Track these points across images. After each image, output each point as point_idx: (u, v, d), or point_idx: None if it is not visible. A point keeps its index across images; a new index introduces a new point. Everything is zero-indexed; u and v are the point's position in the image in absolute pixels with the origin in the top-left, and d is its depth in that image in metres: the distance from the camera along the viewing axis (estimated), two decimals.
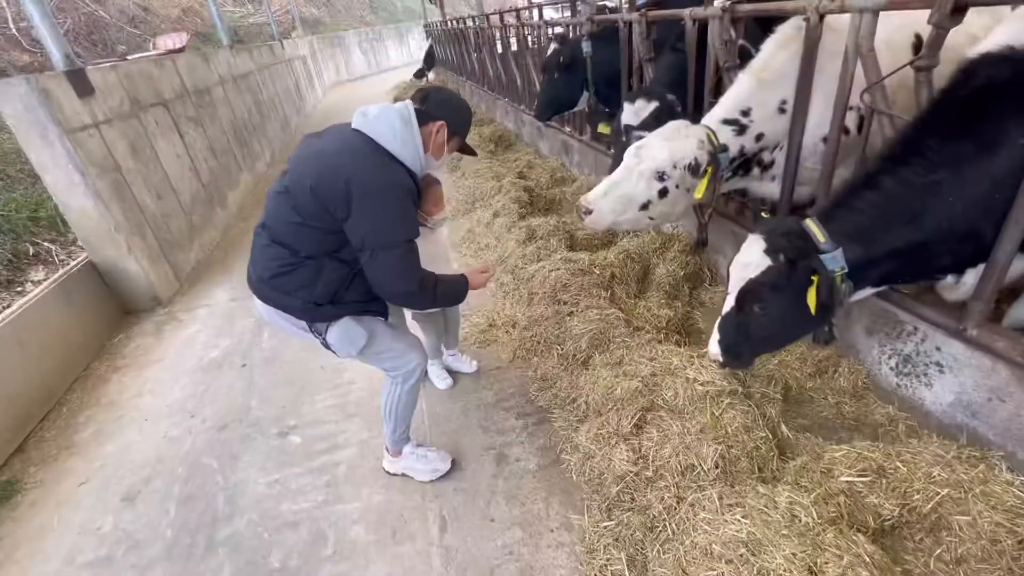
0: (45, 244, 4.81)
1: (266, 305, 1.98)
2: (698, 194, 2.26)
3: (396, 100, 8.94)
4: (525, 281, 3.55)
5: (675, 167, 2.24)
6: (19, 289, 4.30)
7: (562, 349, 2.79)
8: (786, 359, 2.54)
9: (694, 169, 2.23)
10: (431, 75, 14.20)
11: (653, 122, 2.93)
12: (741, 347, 1.99)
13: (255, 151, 8.37)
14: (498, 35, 7.66)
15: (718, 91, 3.00)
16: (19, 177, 5.41)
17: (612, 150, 3.89)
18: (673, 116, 2.91)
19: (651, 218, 2.37)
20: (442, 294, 2.00)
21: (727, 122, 2.42)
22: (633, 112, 3.11)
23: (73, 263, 4.06)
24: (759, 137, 2.46)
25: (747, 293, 1.85)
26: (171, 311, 4.44)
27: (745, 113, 2.42)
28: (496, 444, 2.53)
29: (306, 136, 2.00)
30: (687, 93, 3.24)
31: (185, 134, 5.82)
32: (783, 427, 2.27)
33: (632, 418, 2.16)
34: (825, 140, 2.42)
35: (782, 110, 2.45)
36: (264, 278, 1.91)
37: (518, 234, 4.12)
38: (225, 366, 3.56)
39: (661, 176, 2.25)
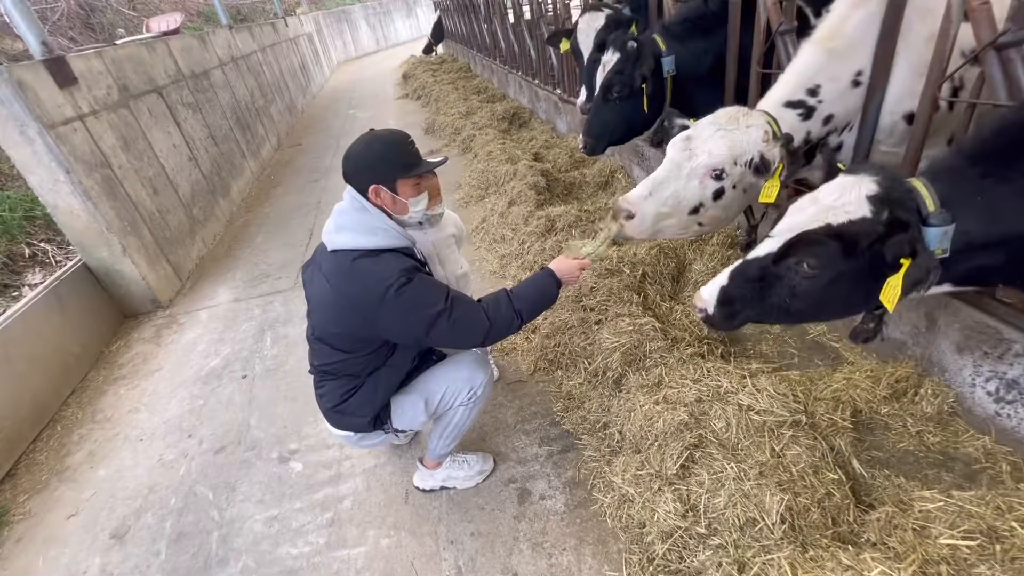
0: (41, 245, 4.63)
1: (341, 431, 2.02)
2: (768, 197, 1.86)
3: (404, 77, 8.50)
4: None
5: (735, 163, 1.85)
6: (15, 294, 4.11)
7: (590, 364, 2.46)
8: (854, 377, 2.18)
9: (759, 168, 1.83)
10: (440, 49, 13.63)
11: (615, 75, 2.71)
12: (745, 307, 1.52)
13: (259, 136, 8.06)
14: (510, 3, 7.14)
15: (767, 60, 2.57)
16: (12, 174, 5.20)
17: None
18: (635, 70, 2.66)
19: (700, 224, 1.98)
20: (528, 310, 1.81)
21: (791, 105, 2.00)
22: (602, 65, 2.81)
23: (64, 268, 3.84)
24: (828, 119, 2.05)
25: (810, 242, 1.35)
26: (172, 313, 4.22)
27: (812, 92, 2.00)
28: (517, 476, 2.24)
29: (303, 268, 1.97)
30: (705, 50, 2.80)
31: (182, 122, 5.52)
32: (855, 462, 1.93)
33: (678, 458, 1.84)
34: (909, 118, 2.01)
35: (856, 83, 2.02)
36: (333, 408, 1.94)
37: (536, 225, 3.77)
38: (225, 377, 3.32)
39: (719, 175, 1.86)
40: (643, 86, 2.62)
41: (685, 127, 2.01)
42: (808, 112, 2.01)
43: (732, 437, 1.90)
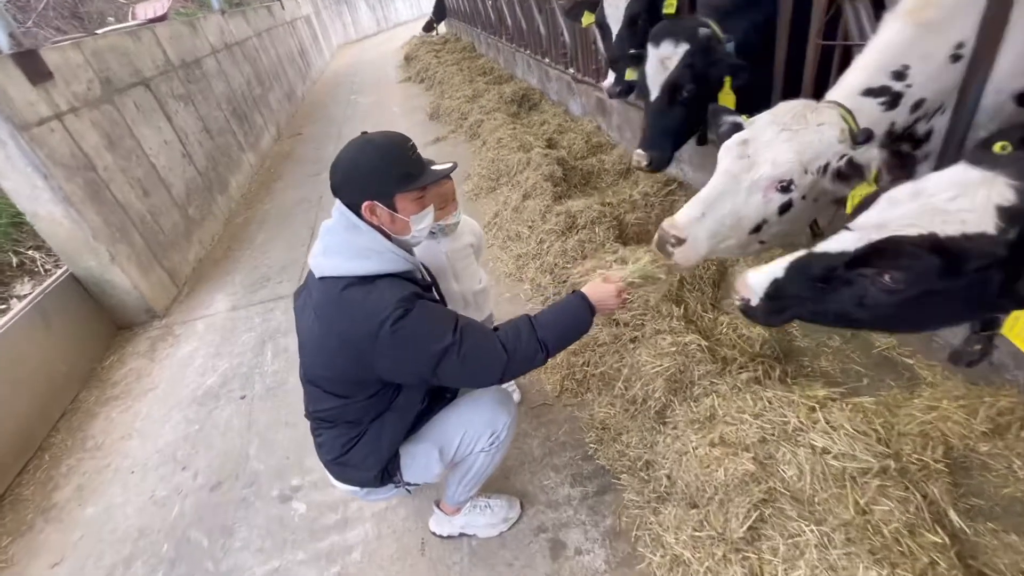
0: (29, 253, 4.38)
1: (346, 485, 1.74)
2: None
3: (407, 59, 8.06)
4: (569, 287, 2.90)
5: (806, 172, 1.51)
6: (2, 307, 3.89)
7: (627, 390, 2.16)
8: (943, 407, 1.86)
9: (843, 173, 1.47)
10: (442, 28, 13.10)
11: (686, 71, 2.23)
12: (798, 306, 1.26)
13: (258, 126, 7.73)
14: None
15: (831, 31, 2.20)
16: None
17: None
18: (712, 62, 2.20)
19: (761, 242, 1.66)
20: (555, 339, 1.51)
21: (871, 93, 1.64)
22: (658, 61, 2.29)
23: (49, 280, 3.57)
24: (917, 105, 1.69)
25: (903, 253, 1.06)
26: (168, 324, 3.97)
27: (899, 75, 1.64)
28: (548, 524, 1.96)
29: (296, 294, 1.67)
30: (756, 26, 2.40)
31: (173, 115, 5.20)
32: (952, 513, 1.62)
33: (745, 519, 1.55)
34: (1021, 98, 1.65)
35: (956, 57, 1.65)
36: (333, 460, 1.66)
37: (555, 222, 3.43)
38: (222, 398, 3.07)
39: (786, 186, 1.53)
40: (727, 80, 2.20)
41: (737, 126, 1.67)
42: (893, 100, 1.65)
43: (806, 488, 1.60)
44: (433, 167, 1.56)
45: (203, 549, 2.20)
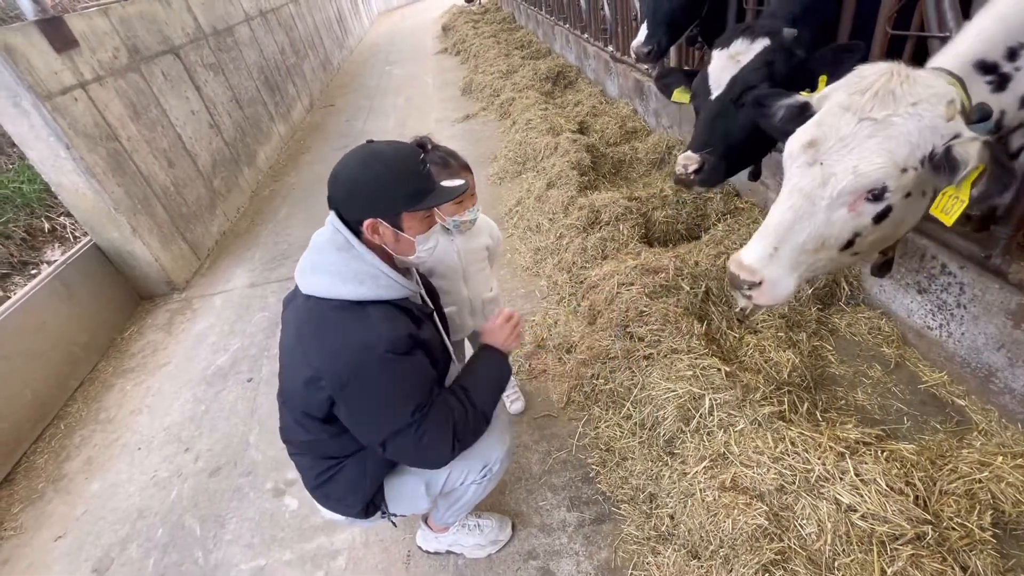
0: (60, 219, 4.48)
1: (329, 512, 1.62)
2: (945, 215, 1.20)
3: (444, 29, 7.83)
4: (585, 289, 2.72)
5: (904, 171, 1.17)
6: (34, 271, 3.99)
7: (636, 413, 2.00)
8: (996, 464, 1.63)
9: (941, 165, 1.13)
10: None
11: (763, 69, 1.77)
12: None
13: (290, 97, 7.67)
14: None
15: (903, 20, 1.90)
16: None
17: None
18: (792, 64, 1.79)
19: (856, 253, 1.36)
20: (486, 401, 1.46)
21: (983, 68, 1.35)
22: (727, 57, 1.86)
23: (71, 251, 3.62)
24: None
25: None
26: (188, 297, 4.00)
27: (1013, 54, 1.34)
28: (540, 550, 1.84)
29: (285, 302, 1.51)
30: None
31: (202, 85, 5.17)
32: None
33: None
34: None
35: None
36: (312, 488, 1.55)
37: (577, 216, 3.24)
38: (231, 378, 3.07)
39: (879, 195, 1.20)
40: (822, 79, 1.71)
41: (801, 110, 1.38)
42: (1002, 81, 1.36)
43: (825, 550, 1.43)
44: (443, 183, 1.40)
45: (195, 537, 2.19)
